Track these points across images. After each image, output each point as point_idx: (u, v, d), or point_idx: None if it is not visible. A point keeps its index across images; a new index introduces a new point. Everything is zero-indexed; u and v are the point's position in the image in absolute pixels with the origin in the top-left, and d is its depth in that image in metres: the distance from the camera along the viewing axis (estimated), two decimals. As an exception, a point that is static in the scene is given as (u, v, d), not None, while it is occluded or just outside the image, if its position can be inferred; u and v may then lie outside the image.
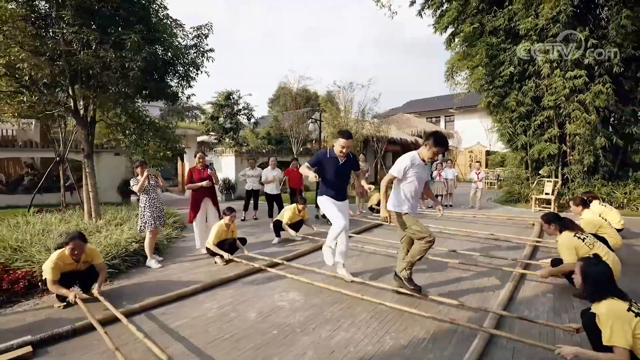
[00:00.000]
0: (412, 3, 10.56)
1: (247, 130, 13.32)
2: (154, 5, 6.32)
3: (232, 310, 3.32)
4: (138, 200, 9.67)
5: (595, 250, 3.26)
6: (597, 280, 2.18)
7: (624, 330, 1.95)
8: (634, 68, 8.49)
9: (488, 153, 18.69)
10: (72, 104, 5.95)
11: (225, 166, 11.94)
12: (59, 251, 3.49)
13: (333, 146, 3.77)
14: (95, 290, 3.51)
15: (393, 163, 3.44)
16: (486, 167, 17.01)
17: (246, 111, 12.33)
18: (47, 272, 3.38)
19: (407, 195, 3.30)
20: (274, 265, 4.57)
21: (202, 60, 6.69)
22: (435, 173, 9.51)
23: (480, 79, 9.64)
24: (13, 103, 5.77)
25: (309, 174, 3.74)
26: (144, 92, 6.46)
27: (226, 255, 4.72)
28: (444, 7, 10.08)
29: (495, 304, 3.18)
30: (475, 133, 19.44)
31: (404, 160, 3.25)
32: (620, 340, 1.93)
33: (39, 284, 3.88)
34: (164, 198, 10.95)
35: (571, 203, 4.67)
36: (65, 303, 3.46)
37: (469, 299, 3.41)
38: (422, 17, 10.62)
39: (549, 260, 3.94)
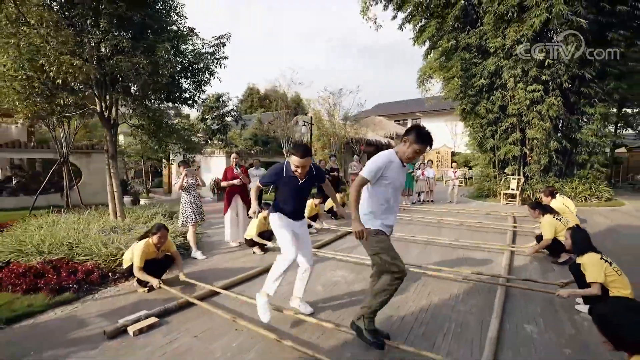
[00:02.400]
0: (394, 17, 11.86)
1: (234, 131, 13.79)
2: (173, 15, 6.83)
3: (300, 285, 4.12)
4: (132, 202, 9.98)
5: (568, 226, 4.53)
6: (580, 241, 3.36)
7: (599, 272, 3.11)
8: (577, 84, 10.43)
9: (453, 154, 20.80)
10: (97, 107, 6.28)
11: (215, 167, 12.32)
12: (144, 241, 4.03)
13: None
14: (181, 275, 4.12)
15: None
16: (455, 167, 19.02)
17: (234, 113, 12.81)
18: (135, 259, 3.92)
19: (381, 207, 2.60)
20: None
21: (216, 67, 7.28)
22: (419, 172, 10.83)
23: (456, 89, 11.15)
24: (29, 104, 5.97)
25: (253, 204, 3.41)
26: (160, 95, 6.91)
27: (270, 244, 5.46)
28: (423, 23, 11.48)
29: (501, 272, 4.31)
30: (441, 135, 21.44)
31: (378, 159, 2.55)
32: (597, 277, 3.09)
33: (109, 274, 4.38)
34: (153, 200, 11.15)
35: (542, 195, 6.05)
36: (147, 287, 4.03)
37: (478, 269, 4.53)
38: (402, 30, 11.96)
39: (533, 243, 5.19)
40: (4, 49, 4.87)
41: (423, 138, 2.48)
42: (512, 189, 10.59)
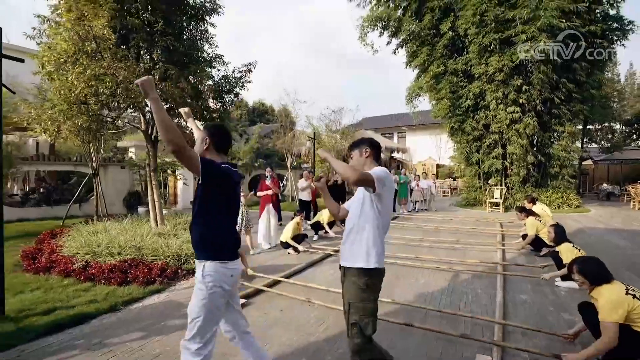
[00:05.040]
0: (389, 43, 13.43)
1: (237, 145, 14.73)
2: (205, 44, 7.88)
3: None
4: (146, 212, 10.63)
5: (547, 226, 5.90)
6: (559, 234, 4.71)
7: (572, 256, 4.43)
8: (549, 106, 12.27)
9: (438, 166, 22.61)
10: (142, 125, 7.19)
11: None
12: None
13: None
14: (249, 270, 5.08)
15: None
16: (437, 178, 20.76)
17: (239, 127, 13.81)
18: None
19: (381, 235, 2.19)
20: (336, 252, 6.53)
21: (241, 89, 8.31)
22: (413, 183, 12.21)
23: (445, 108, 12.76)
24: (80, 121, 6.71)
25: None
26: (198, 116, 7.84)
27: (301, 247, 6.51)
28: (415, 49, 13.11)
29: (498, 260, 5.63)
30: (426, 148, 23.25)
31: (383, 170, 2.15)
32: (569, 259, 4.41)
33: (178, 270, 5.31)
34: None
35: (525, 201, 7.48)
36: None
37: (480, 262, 5.82)
38: (396, 54, 13.54)
39: (519, 240, 6.56)
40: (80, 77, 5.73)
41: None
42: (496, 198, 12.18)
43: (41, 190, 10.13)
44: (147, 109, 7.31)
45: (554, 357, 2.78)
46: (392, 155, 22.95)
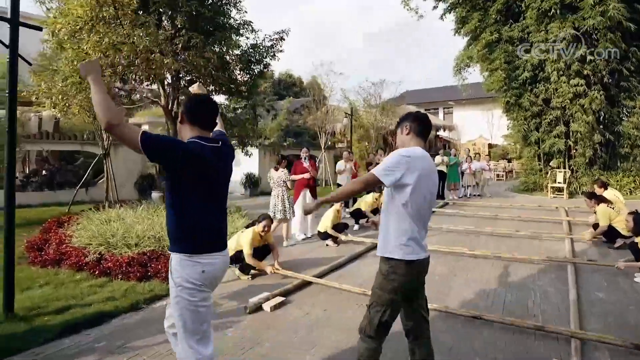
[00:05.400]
0: (435, 7, 12.90)
1: (264, 122, 14.36)
2: (232, 9, 7.67)
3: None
4: (161, 197, 10.50)
5: (621, 214, 5.54)
6: (639, 222, 4.44)
7: (654, 248, 4.17)
8: (617, 78, 11.38)
9: (490, 146, 21.63)
10: (162, 101, 7.26)
11: (245, 160, 11.19)
12: (250, 229, 4.64)
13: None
14: (275, 264, 4.77)
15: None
16: (490, 160, 19.95)
17: (266, 103, 13.49)
18: (245, 247, 4.46)
19: (405, 225, 2.11)
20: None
21: (271, 59, 8.09)
22: (465, 165, 11.82)
23: (500, 81, 12.18)
24: (90, 95, 6.77)
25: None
26: (222, 88, 7.73)
27: (344, 237, 6.42)
28: (465, 15, 12.49)
29: (566, 255, 5.36)
30: (477, 125, 22.16)
31: (396, 156, 2.12)
32: (652, 253, 4.15)
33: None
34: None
35: (595, 186, 7.04)
36: (250, 275, 4.60)
37: (546, 254, 5.56)
38: (443, 20, 13.01)
39: (590, 230, 6.25)
40: (96, 46, 5.64)
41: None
42: (558, 182, 11.59)
43: (44, 172, 9.85)
44: (167, 81, 7.28)
45: (635, 347, 2.73)
46: (438, 133, 22.09)
